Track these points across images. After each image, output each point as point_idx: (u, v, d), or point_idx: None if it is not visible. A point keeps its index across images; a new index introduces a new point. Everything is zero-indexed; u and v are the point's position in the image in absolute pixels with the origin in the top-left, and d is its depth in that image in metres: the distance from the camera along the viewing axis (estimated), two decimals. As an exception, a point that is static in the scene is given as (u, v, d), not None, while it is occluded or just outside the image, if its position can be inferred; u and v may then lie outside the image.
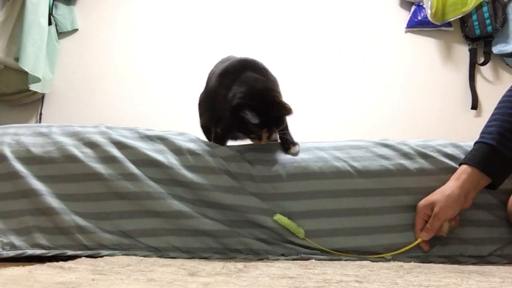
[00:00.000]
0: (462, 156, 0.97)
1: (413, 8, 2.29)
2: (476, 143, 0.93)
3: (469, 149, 0.97)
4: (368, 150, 1.01)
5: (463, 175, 0.90)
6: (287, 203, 0.94)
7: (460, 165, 0.93)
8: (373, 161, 0.98)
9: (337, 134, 1.81)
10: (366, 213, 0.94)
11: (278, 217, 0.91)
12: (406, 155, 0.99)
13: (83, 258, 0.81)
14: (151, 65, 2.38)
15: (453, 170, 0.94)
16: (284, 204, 0.94)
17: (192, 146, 1.00)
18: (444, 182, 0.93)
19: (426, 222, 0.90)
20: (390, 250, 0.92)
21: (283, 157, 1.00)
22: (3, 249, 0.89)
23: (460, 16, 2.09)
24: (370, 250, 0.92)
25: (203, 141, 1.04)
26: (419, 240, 0.91)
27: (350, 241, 0.92)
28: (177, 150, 0.99)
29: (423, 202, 0.92)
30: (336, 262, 0.87)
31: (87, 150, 0.98)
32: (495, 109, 0.95)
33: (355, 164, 0.97)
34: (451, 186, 0.90)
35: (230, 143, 1.08)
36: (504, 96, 0.97)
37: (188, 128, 1.13)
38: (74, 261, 0.74)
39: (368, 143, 1.03)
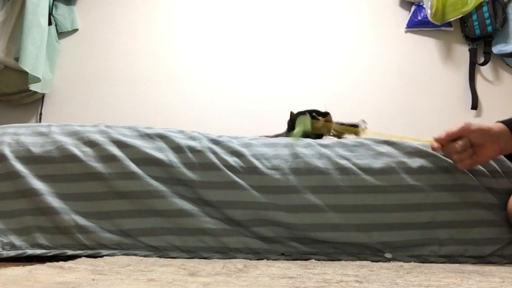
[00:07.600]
0: None
1: (413, 8, 2.29)
2: None
3: None
4: (370, 148, 1.01)
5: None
6: (289, 197, 0.94)
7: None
8: (375, 159, 0.98)
9: (337, 134, 1.81)
10: (369, 210, 0.94)
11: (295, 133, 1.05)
12: (408, 154, 0.99)
13: (83, 258, 0.81)
14: (150, 65, 2.38)
15: (454, 168, 0.95)
16: (286, 198, 0.94)
17: (192, 143, 1.00)
18: (444, 181, 0.94)
19: None
20: (391, 248, 0.92)
21: (285, 151, 1.00)
22: (3, 249, 0.89)
23: (460, 16, 2.09)
24: (370, 246, 0.93)
25: (203, 138, 1.03)
26: None
27: (352, 237, 0.92)
28: (177, 148, 0.99)
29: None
30: (336, 262, 0.87)
31: (87, 149, 0.98)
32: None
33: (358, 161, 0.97)
34: None
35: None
36: None
37: (187, 127, 1.13)
38: (74, 261, 0.74)
39: (370, 141, 1.04)
